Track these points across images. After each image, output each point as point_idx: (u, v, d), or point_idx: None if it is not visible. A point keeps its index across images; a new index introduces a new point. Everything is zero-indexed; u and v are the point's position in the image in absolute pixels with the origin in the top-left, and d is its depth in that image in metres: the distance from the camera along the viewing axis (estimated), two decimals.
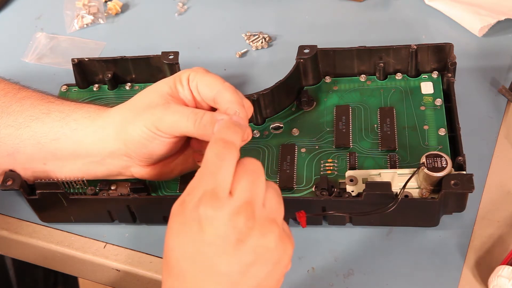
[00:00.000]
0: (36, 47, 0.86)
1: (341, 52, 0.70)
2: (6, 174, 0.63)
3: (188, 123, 0.56)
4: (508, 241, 0.60)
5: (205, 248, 0.46)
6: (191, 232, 0.46)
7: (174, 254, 0.47)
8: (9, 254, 0.71)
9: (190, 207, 0.47)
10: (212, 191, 0.46)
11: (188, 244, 0.47)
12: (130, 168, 0.62)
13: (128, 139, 0.59)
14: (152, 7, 0.90)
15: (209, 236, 0.46)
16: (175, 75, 0.60)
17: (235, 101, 0.56)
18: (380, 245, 0.61)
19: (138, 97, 0.60)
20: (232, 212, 0.46)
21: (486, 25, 0.77)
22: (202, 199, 0.46)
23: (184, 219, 0.47)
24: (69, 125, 0.62)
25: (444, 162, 0.59)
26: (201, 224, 0.46)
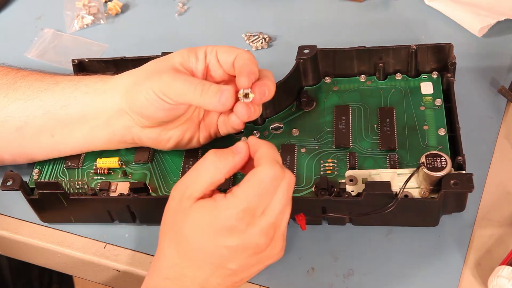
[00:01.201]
0: (40, 43, 0.86)
1: (341, 53, 0.70)
2: (6, 174, 0.63)
3: (196, 92, 0.58)
4: (508, 241, 0.60)
5: (224, 250, 0.53)
6: (218, 234, 0.52)
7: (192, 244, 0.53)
8: (9, 254, 0.71)
9: (227, 214, 0.52)
10: (253, 209, 0.52)
11: (210, 242, 0.53)
12: (131, 129, 0.64)
13: (133, 99, 0.61)
14: (152, 7, 0.90)
15: (233, 244, 0.52)
16: (191, 48, 0.62)
17: (251, 59, 0.60)
18: (380, 245, 0.61)
19: (151, 63, 0.63)
20: (260, 232, 0.53)
21: (486, 25, 0.77)
22: (242, 213, 0.52)
23: (213, 220, 0.52)
24: (80, 89, 0.64)
25: (443, 162, 0.59)
26: (231, 232, 0.52)
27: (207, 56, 0.61)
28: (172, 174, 0.66)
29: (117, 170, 0.67)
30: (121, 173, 0.67)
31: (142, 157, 0.67)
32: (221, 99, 0.58)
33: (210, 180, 0.54)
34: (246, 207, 0.52)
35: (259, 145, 0.55)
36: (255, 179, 0.53)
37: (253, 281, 0.60)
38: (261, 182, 0.53)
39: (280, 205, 0.53)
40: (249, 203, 0.52)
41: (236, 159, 0.55)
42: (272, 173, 0.53)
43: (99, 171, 0.67)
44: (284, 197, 0.54)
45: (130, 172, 0.67)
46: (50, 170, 0.68)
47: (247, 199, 0.52)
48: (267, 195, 0.53)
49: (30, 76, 0.67)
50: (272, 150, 0.55)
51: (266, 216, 0.53)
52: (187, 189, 0.54)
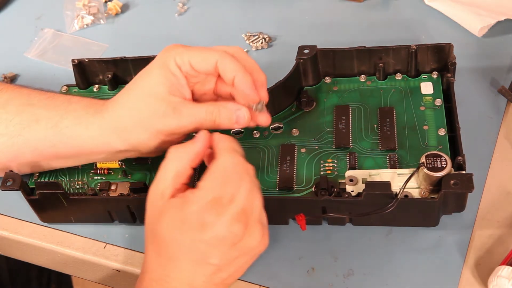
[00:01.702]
0: (40, 43, 0.86)
1: (341, 53, 0.70)
2: (6, 174, 0.63)
3: (208, 125, 0.59)
4: (508, 241, 0.60)
5: (201, 244, 0.52)
6: (191, 230, 0.52)
7: (168, 243, 0.53)
8: (9, 254, 0.71)
9: (194, 208, 0.52)
10: (219, 199, 0.52)
11: (186, 239, 0.52)
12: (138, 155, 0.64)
13: (140, 144, 0.61)
14: (152, 7, 0.90)
15: (208, 237, 0.52)
16: (162, 68, 0.59)
17: (238, 68, 0.59)
18: (380, 245, 0.61)
19: (136, 102, 0.60)
20: (231, 219, 0.52)
21: (486, 25, 0.77)
22: (209, 205, 0.52)
23: (184, 216, 0.52)
24: (63, 132, 0.62)
25: (443, 162, 0.59)
26: (203, 226, 0.52)
27: (182, 67, 0.59)
28: None
29: (117, 170, 0.67)
30: (121, 173, 0.67)
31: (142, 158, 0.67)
32: (239, 122, 0.60)
33: (175, 172, 0.54)
34: (212, 198, 0.52)
35: (220, 139, 0.56)
36: (216, 168, 0.53)
37: (253, 281, 0.60)
38: (222, 170, 0.53)
39: (245, 190, 0.53)
40: (214, 193, 0.52)
41: (197, 145, 0.55)
42: (231, 161, 0.53)
43: (99, 171, 0.67)
44: (248, 183, 0.53)
45: (130, 172, 0.67)
46: (50, 170, 0.68)
47: (211, 190, 0.52)
48: (231, 183, 0.53)
49: (10, 105, 0.64)
50: (232, 142, 0.56)
51: (234, 203, 0.52)
52: (158, 189, 0.54)
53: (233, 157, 0.54)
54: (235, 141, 0.56)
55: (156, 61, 0.60)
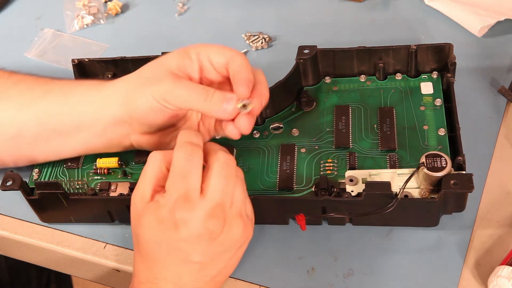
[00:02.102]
0: (40, 43, 0.86)
1: (341, 53, 0.70)
2: (6, 174, 0.63)
3: (199, 99, 0.58)
4: (508, 241, 0.60)
5: (180, 243, 0.53)
6: (167, 231, 0.52)
7: (149, 245, 0.53)
8: (9, 254, 0.71)
9: (166, 210, 0.52)
10: (185, 195, 0.52)
11: (163, 240, 0.53)
12: (130, 136, 0.64)
13: (133, 108, 0.60)
14: (152, 7, 0.90)
15: (184, 235, 0.52)
16: (182, 50, 0.61)
17: (245, 64, 0.59)
18: (380, 245, 0.61)
19: (146, 68, 0.62)
20: (205, 215, 0.52)
21: (486, 25, 0.77)
22: (176, 203, 0.52)
23: (159, 218, 0.53)
24: (72, 99, 0.63)
25: (443, 162, 0.59)
26: (176, 225, 0.52)
27: (200, 57, 0.60)
28: None
29: (117, 170, 0.67)
30: (121, 173, 0.67)
31: (142, 157, 0.67)
32: (227, 108, 0.57)
33: (154, 175, 0.55)
34: (178, 196, 0.52)
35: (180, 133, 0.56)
36: (172, 166, 0.53)
37: (253, 281, 0.60)
38: (175, 165, 0.53)
39: (218, 184, 0.53)
40: (177, 191, 0.52)
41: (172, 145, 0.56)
42: (180, 154, 0.53)
43: (99, 171, 0.67)
44: (220, 176, 0.53)
45: (130, 172, 0.67)
46: (50, 170, 0.68)
47: (174, 187, 0.52)
48: (189, 176, 0.53)
49: (22, 83, 0.66)
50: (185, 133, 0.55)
51: (207, 198, 0.52)
52: (138, 192, 0.55)
53: (184, 149, 0.53)
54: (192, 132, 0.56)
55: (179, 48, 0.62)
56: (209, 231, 0.52)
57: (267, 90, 0.60)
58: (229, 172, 0.54)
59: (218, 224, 0.52)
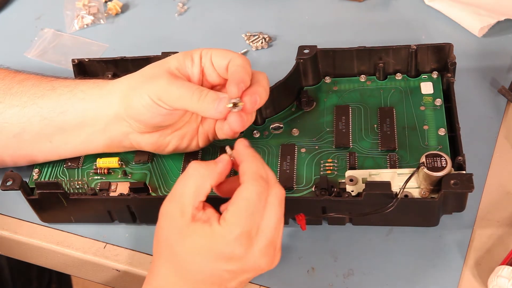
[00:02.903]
0: (40, 43, 0.86)
1: (341, 52, 0.70)
2: (6, 174, 0.63)
3: (193, 98, 0.58)
4: (508, 241, 0.60)
5: (225, 274, 0.52)
6: (217, 260, 0.52)
7: (191, 266, 0.52)
8: (9, 254, 0.71)
9: (223, 242, 0.51)
10: (248, 232, 0.51)
11: (209, 266, 0.52)
12: (129, 135, 0.64)
13: (129, 105, 0.61)
14: (152, 7, 0.90)
15: (234, 268, 0.52)
16: (186, 52, 0.61)
17: (243, 65, 0.59)
18: (380, 245, 0.61)
19: (147, 67, 0.62)
20: (260, 252, 0.52)
21: (486, 26, 0.77)
22: (238, 240, 0.51)
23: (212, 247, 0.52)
24: (77, 96, 0.64)
25: (444, 162, 0.59)
26: (231, 259, 0.52)
27: (202, 59, 0.61)
28: (172, 174, 0.66)
29: (117, 170, 0.67)
30: (121, 173, 0.67)
31: (142, 157, 0.67)
32: (218, 107, 0.58)
33: (195, 189, 0.53)
34: (241, 232, 0.51)
35: (243, 157, 0.54)
36: (241, 200, 0.52)
37: (253, 281, 0.60)
38: (248, 201, 0.52)
39: (273, 221, 0.52)
40: (242, 227, 0.51)
41: (219, 166, 0.55)
42: (256, 190, 0.52)
43: (99, 171, 0.67)
44: (275, 212, 0.53)
45: (130, 172, 0.67)
46: (50, 170, 0.68)
47: (239, 223, 0.51)
48: (257, 213, 0.52)
49: (27, 80, 0.66)
50: (254, 163, 0.54)
51: (262, 235, 0.52)
52: (177, 205, 0.53)
53: (256, 184, 0.52)
54: (258, 159, 0.54)
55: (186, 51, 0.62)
56: (259, 268, 0.53)
57: (264, 90, 0.60)
58: (281, 210, 0.54)
59: (268, 262, 0.53)
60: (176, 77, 0.59)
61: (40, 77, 0.67)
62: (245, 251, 0.52)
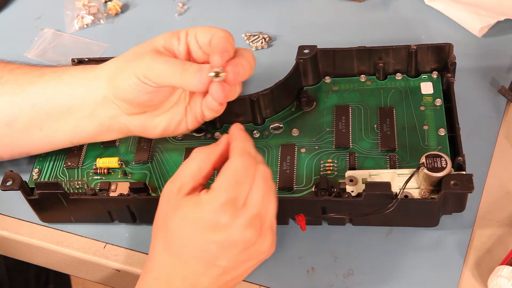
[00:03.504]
0: (40, 43, 0.86)
1: (341, 52, 0.70)
2: (6, 174, 0.63)
3: (176, 72, 0.58)
4: (508, 241, 0.60)
5: (212, 245, 0.52)
6: (204, 230, 0.52)
7: (179, 240, 0.53)
8: (9, 254, 0.71)
9: (209, 209, 0.52)
10: (233, 200, 0.51)
11: (196, 238, 0.52)
12: (118, 118, 0.63)
13: (116, 84, 0.61)
14: (152, 7, 0.90)
15: (221, 238, 0.52)
16: (173, 31, 0.62)
17: (226, 37, 0.59)
18: (380, 245, 0.61)
19: (134, 47, 0.62)
20: (246, 224, 0.52)
21: (486, 25, 0.77)
22: (223, 206, 0.51)
23: (199, 215, 0.52)
24: (64, 80, 0.64)
25: (443, 162, 0.59)
26: (215, 227, 0.51)
27: (188, 37, 0.61)
28: (172, 174, 0.66)
29: (117, 170, 0.67)
30: (121, 173, 0.67)
31: (142, 157, 0.67)
32: (200, 78, 0.57)
33: (196, 169, 0.54)
34: (226, 199, 0.51)
35: (233, 137, 0.55)
36: (228, 170, 0.53)
37: (253, 281, 0.60)
38: (234, 170, 0.52)
39: (259, 195, 0.53)
40: (228, 195, 0.52)
41: (220, 146, 0.55)
42: (242, 162, 0.53)
43: (99, 171, 0.67)
44: (261, 187, 0.53)
45: (130, 172, 0.67)
46: (50, 170, 0.68)
47: (225, 190, 0.52)
48: (243, 185, 0.52)
49: (17, 69, 0.67)
50: (244, 142, 0.55)
51: (248, 207, 0.52)
52: (175, 183, 0.54)
53: (244, 159, 0.53)
54: (248, 140, 0.55)
55: None
56: (246, 240, 0.52)
57: (248, 63, 0.59)
58: (268, 186, 0.54)
59: (255, 234, 0.52)
60: (161, 53, 0.60)
61: (30, 66, 0.68)
62: (230, 219, 0.51)
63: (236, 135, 0.55)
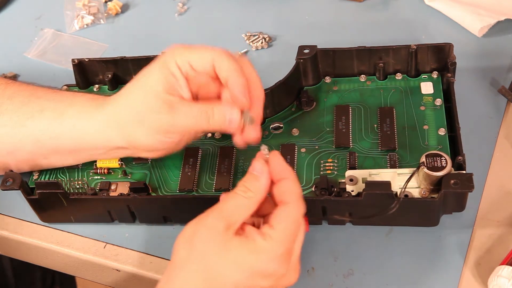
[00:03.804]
0: (40, 43, 0.86)
1: (341, 52, 0.70)
2: (6, 174, 0.63)
3: (202, 123, 0.58)
4: (508, 241, 0.60)
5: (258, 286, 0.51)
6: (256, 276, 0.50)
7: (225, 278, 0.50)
8: (9, 254, 0.71)
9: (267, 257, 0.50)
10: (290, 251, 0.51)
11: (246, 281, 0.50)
12: (134, 154, 0.64)
13: (137, 141, 0.61)
14: (152, 7, 0.90)
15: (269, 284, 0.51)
16: (162, 65, 0.59)
17: (234, 68, 0.57)
18: (380, 245, 0.61)
19: (135, 98, 0.60)
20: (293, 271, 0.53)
21: (486, 25, 0.77)
22: (282, 257, 0.50)
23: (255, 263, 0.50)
24: (66, 122, 0.63)
25: (444, 162, 0.59)
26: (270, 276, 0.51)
27: (182, 69, 0.59)
28: (172, 173, 0.66)
29: (117, 170, 0.67)
30: (121, 173, 0.67)
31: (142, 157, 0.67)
32: (231, 122, 0.58)
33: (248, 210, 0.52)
34: (285, 250, 0.51)
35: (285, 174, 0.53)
36: (290, 220, 0.51)
37: None
38: (294, 222, 0.51)
39: (301, 238, 0.53)
40: (287, 245, 0.51)
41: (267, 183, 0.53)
42: (301, 212, 0.52)
43: (99, 171, 0.67)
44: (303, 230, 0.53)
45: (130, 172, 0.67)
46: (50, 170, 0.68)
47: (285, 241, 0.51)
48: (298, 235, 0.53)
49: (16, 97, 0.65)
50: (298, 184, 0.53)
51: (295, 252, 0.52)
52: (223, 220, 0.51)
53: (302, 207, 0.52)
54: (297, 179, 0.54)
55: (158, 60, 0.60)
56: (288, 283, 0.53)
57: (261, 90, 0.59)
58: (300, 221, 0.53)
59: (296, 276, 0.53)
60: (173, 106, 0.58)
61: (29, 93, 0.65)
62: (285, 269, 0.51)
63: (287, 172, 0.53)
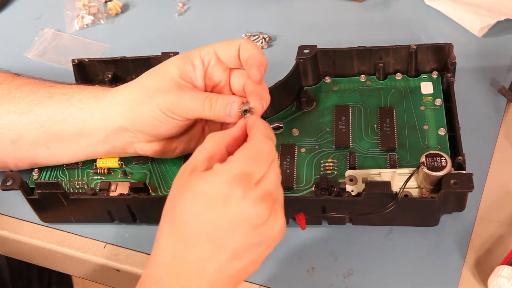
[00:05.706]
0: (40, 43, 0.86)
1: (341, 52, 0.70)
2: (6, 174, 0.63)
3: (205, 108, 0.58)
4: (508, 241, 0.60)
5: (222, 221, 0.49)
6: (214, 204, 0.49)
7: (186, 218, 0.49)
8: (9, 254, 0.71)
9: (221, 179, 0.49)
10: (248, 175, 0.49)
11: (206, 214, 0.49)
12: (134, 144, 0.64)
13: (140, 120, 0.61)
14: (152, 7, 0.90)
15: (231, 213, 0.48)
16: (184, 55, 0.61)
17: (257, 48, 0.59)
18: (380, 245, 0.61)
19: (147, 78, 0.61)
20: (258, 198, 0.49)
21: (486, 25, 0.77)
22: (238, 178, 0.49)
23: (211, 186, 0.49)
24: (74, 105, 0.63)
25: (443, 162, 0.59)
26: (227, 200, 0.48)
27: (205, 59, 0.60)
28: (172, 174, 0.66)
29: (117, 170, 0.67)
30: (121, 173, 0.67)
31: (142, 157, 0.67)
32: (231, 112, 0.58)
33: (210, 151, 0.52)
34: (241, 171, 0.49)
35: (256, 122, 0.55)
36: (250, 146, 0.52)
37: (253, 281, 0.60)
38: (255, 149, 0.51)
39: (274, 177, 0.51)
40: (244, 167, 0.49)
41: (235, 130, 0.55)
42: (265, 144, 0.52)
43: (99, 171, 0.67)
44: (277, 173, 0.52)
45: (130, 172, 0.67)
46: (50, 170, 0.68)
47: (241, 163, 0.50)
48: (261, 165, 0.50)
49: (25, 86, 0.66)
50: (269, 128, 0.54)
51: (262, 184, 0.50)
52: (189, 165, 0.51)
53: (268, 143, 0.52)
54: (271, 128, 0.55)
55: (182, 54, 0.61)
56: (258, 214, 0.48)
57: (267, 93, 0.60)
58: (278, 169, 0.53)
59: (267, 209, 0.49)
60: (183, 88, 0.59)
61: (38, 82, 0.66)
62: (243, 192, 0.48)
63: (259, 121, 0.55)
